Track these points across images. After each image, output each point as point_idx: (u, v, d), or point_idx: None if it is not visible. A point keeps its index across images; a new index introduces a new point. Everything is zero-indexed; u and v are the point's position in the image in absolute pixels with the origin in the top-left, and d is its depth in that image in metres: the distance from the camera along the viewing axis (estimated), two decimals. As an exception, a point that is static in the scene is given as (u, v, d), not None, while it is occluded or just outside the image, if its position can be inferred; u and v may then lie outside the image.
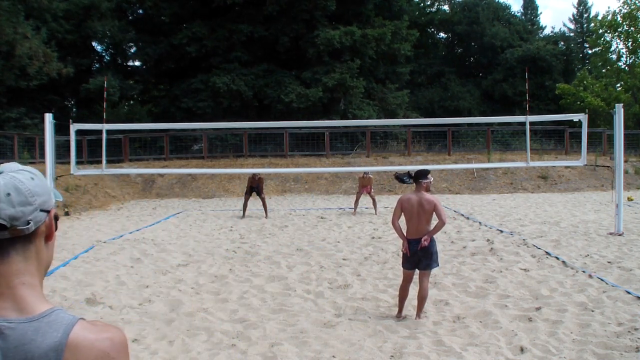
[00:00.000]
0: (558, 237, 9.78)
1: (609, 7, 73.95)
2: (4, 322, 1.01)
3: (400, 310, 5.50)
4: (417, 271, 5.46)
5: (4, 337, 1.00)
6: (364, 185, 14.03)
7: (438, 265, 5.53)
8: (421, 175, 5.42)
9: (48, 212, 1.17)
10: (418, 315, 5.41)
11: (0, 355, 1.00)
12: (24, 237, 1.12)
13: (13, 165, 1.17)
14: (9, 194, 1.09)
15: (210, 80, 25.91)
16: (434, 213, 5.25)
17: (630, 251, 8.42)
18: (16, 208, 1.09)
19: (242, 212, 13.97)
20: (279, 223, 12.64)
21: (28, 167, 1.19)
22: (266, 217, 13.59)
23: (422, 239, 5.23)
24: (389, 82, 31.14)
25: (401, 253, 5.50)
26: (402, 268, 5.53)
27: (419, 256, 5.30)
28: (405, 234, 5.40)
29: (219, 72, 26.23)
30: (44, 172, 11.55)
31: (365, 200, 15.11)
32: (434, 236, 5.35)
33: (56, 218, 1.21)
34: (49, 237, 1.19)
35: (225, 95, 25.89)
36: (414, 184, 5.43)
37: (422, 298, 5.39)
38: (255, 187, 13.85)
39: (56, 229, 1.21)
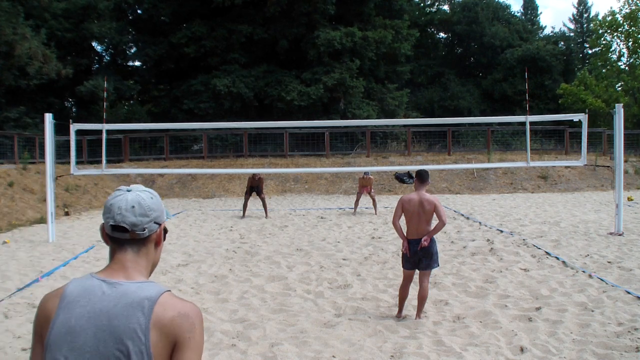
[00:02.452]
0: (558, 237, 9.78)
1: (611, 7, 74.00)
2: (116, 281, 1.50)
3: (400, 310, 5.51)
4: (417, 271, 5.46)
5: (116, 288, 1.48)
6: (364, 185, 13.99)
7: (438, 265, 5.53)
8: (426, 176, 5.44)
9: (159, 224, 1.61)
10: (418, 315, 5.42)
11: (113, 298, 1.46)
12: (139, 240, 1.56)
13: (139, 186, 1.61)
14: (133, 207, 1.53)
15: (210, 82, 25.92)
16: (434, 213, 5.26)
17: (630, 251, 8.42)
18: (137, 218, 1.53)
19: (242, 212, 13.96)
20: (279, 223, 12.64)
21: (149, 189, 1.62)
22: (266, 217, 13.58)
23: (422, 239, 5.24)
24: (389, 82, 31.14)
25: (401, 253, 5.51)
26: (402, 268, 5.54)
27: (419, 256, 5.31)
28: (405, 234, 5.41)
29: (220, 74, 26.23)
30: (44, 172, 11.56)
31: (365, 200, 15.11)
32: (434, 236, 5.36)
33: (165, 231, 1.68)
34: (157, 243, 1.65)
35: (226, 97, 25.90)
36: (419, 183, 5.42)
37: (422, 298, 5.40)
38: (255, 187, 13.84)
39: (164, 239, 1.67)
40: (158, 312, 1.43)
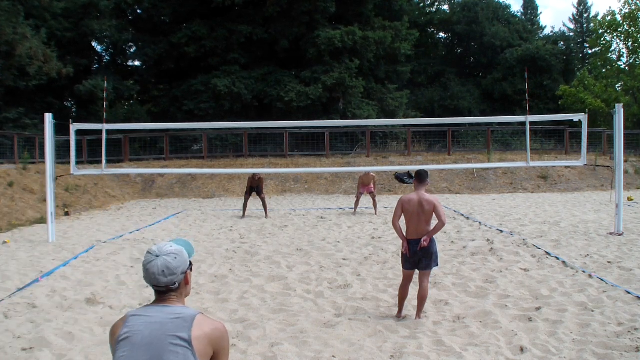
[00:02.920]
0: (558, 237, 9.78)
1: (610, 7, 73.99)
2: (164, 306, 2.08)
3: (400, 310, 5.51)
4: (417, 271, 5.46)
5: (164, 309, 2.07)
6: (365, 184, 13.89)
7: (437, 265, 5.53)
8: (425, 175, 5.44)
9: (185, 273, 2.16)
10: (418, 315, 5.42)
11: (163, 315, 2.04)
12: (176, 288, 2.15)
13: (164, 248, 2.11)
14: (163, 271, 2.09)
15: (211, 82, 25.92)
16: (434, 213, 5.26)
17: (630, 251, 8.42)
18: (167, 278, 2.10)
19: (242, 212, 13.96)
20: (279, 223, 12.64)
21: (173, 249, 2.13)
22: (266, 217, 13.58)
23: (422, 240, 5.23)
24: (389, 82, 31.13)
25: (401, 253, 5.50)
26: (402, 268, 5.54)
27: (419, 256, 5.30)
28: (405, 235, 5.41)
29: (220, 74, 26.23)
30: (44, 172, 11.56)
31: (365, 200, 15.11)
32: (434, 236, 5.36)
33: (190, 269, 2.22)
34: (186, 282, 2.20)
35: (226, 97, 25.90)
36: (418, 183, 5.42)
37: (422, 298, 5.39)
38: (255, 187, 13.83)
39: (190, 277, 2.24)
40: (196, 324, 2.05)
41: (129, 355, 1.98)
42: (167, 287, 2.11)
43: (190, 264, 2.21)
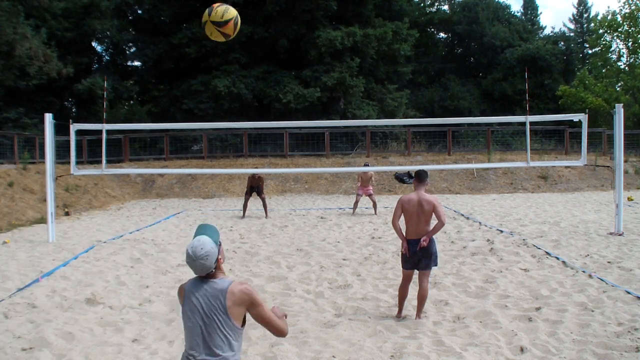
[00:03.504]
0: (558, 237, 9.78)
1: (608, 7, 73.99)
2: (212, 279, 2.75)
3: (400, 310, 5.51)
4: (416, 271, 5.46)
5: (212, 283, 2.74)
6: (365, 185, 13.87)
7: (437, 265, 5.53)
8: (425, 175, 5.44)
9: (216, 259, 2.75)
10: (418, 315, 5.42)
11: (210, 285, 2.75)
12: (214, 271, 2.78)
13: (197, 253, 2.70)
14: (201, 269, 2.72)
15: (210, 82, 25.90)
16: (434, 213, 5.26)
17: (630, 251, 8.42)
18: (205, 271, 2.74)
19: (242, 212, 13.96)
20: (279, 223, 12.64)
21: (204, 251, 2.70)
22: (266, 217, 13.58)
23: (421, 240, 5.24)
24: (389, 82, 31.12)
25: (401, 253, 5.50)
26: (401, 268, 5.54)
27: (418, 256, 5.31)
28: (404, 235, 5.41)
29: (219, 74, 26.20)
30: (44, 172, 11.56)
31: (365, 200, 15.11)
32: (433, 236, 5.36)
33: (220, 252, 2.81)
34: (219, 263, 2.80)
35: (226, 98, 25.88)
36: (418, 183, 5.42)
37: (422, 298, 5.40)
38: (255, 187, 13.81)
39: (222, 256, 2.85)
40: (230, 291, 2.73)
41: (190, 316, 2.78)
42: (207, 274, 2.80)
43: (220, 245, 2.82)
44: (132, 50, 31.48)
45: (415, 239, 5.28)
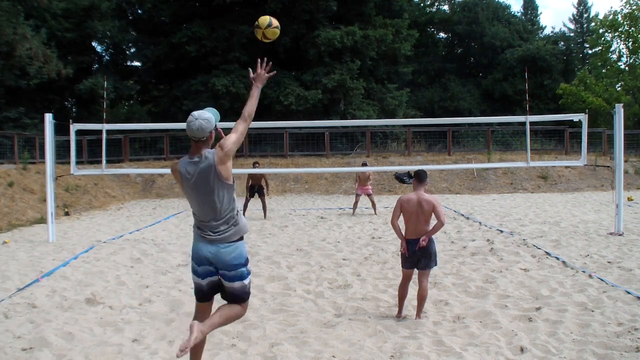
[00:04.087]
0: (558, 237, 9.77)
1: (611, 7, 73.98)
2: (199, 156, 3.43)
3: (400, 310, 5.50)
4: (416, 271, 5.46)
5: (201, 160, 3.42)
6: (363, 183, 13.79)
7: (436, 264, 5.52)
8: (424, 175, 5.45)
9: (214, 129, 3.47)
10: (418, 315, 5.41)
11: (202, 160, 3.42)
12: (205, 139, 3.47)
13: (202, 115, 3.40)
14: (198, 129, 3.38)
15: (210, 82, 25.91)
16: (433, 213, 5.26)
17: (630, 251, 8.41)
18: (199, 134, 3.41)
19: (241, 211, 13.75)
20: (279, 223, 12.64)
21: (207, 115, 3.42)
22: (265, 217, 13.50)
23: (421, 239, 5.23)
24: (389, 82, 31.12)
25: (400, 253, 5.51)
26: (401, 267, 5.54)
27: (417, 256, 5.30)
28: (404, 234, 5.42)
29: (219, 74, 26.20)
30: (44, 172, 11.56)
31: (365, 200, 15.11)
32: (433, 236, 5.35)
33: (215, 129, 3.50)
34: (210, 138, 3.49)
35: (226, 97, 25.88)
36: (417, 183, 5.42)
37: (421, 298, 5.39)
38: (256, 185, 13.24)
39: (218, 133, 3.55)
40: (216, 156, 3.39)
41: (190, 189, 3.43)
42: (198, 139, 3.37)
43: (216, 127, 3.49)
44: (132, 50, 31.50)
45: (415, 239, 5.28)
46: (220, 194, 3.38)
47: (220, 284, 3.57)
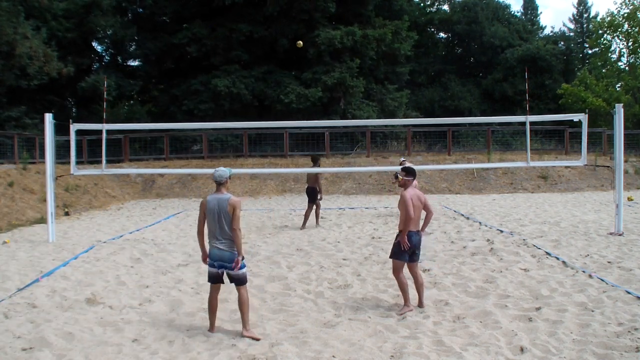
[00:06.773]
0: (558, 237, 9.77)
1: (614, 6, 73.99)
2: (220, 193, 5.15)
3: (406, 300, 5.70)
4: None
5: (221, 196, 5.13)
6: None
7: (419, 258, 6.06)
8: (415, 171, 6.01)
9: (227, 179, 5.20)
10: (421, 303, 5.73)
11: (220, 197, 5.11)
12: (223, 183, 5.23)
13: (219, 170, 5.20)
14: (219, 177, 5.19)
15: (210, 82, 25.90)
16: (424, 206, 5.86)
17: (630, 251, 8.41)
18: (219, 180, 5.16)
19: (302, 223, 11.77)
20: (279, 223, 12.64)
21: (222, 171, 5.20)
22: (317, 224, 11.92)
23: (421, 230, 5.79)
24: (389, 83, 31.11)
25: (396, 246, 5.73)
26: (395, 260, 5.74)
27: (413, 249, 5.69)
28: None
29: (219, 74, 26.20)
30: (44, 172, 11.56)
31: (365, 200, 15.10)
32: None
33: (229, 177, 5.27)
34: (226, 183, 5.22)
35: (226, 98, 25.87)
36: (412, 179, 5.92)
37: (420, 285, 5.79)
38: (311, 188, 11.65)
39: (228, 182, 5.32)
40: (230, 200, 5.00)
41: (210, 213, 5.02)
42: (219, 182, 5.08)
43: (230, 176, 5.18)
44: (132, 49, 31.49)
45: (416, 231, 5.73)
46: (226, 223, 5.02)
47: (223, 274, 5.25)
